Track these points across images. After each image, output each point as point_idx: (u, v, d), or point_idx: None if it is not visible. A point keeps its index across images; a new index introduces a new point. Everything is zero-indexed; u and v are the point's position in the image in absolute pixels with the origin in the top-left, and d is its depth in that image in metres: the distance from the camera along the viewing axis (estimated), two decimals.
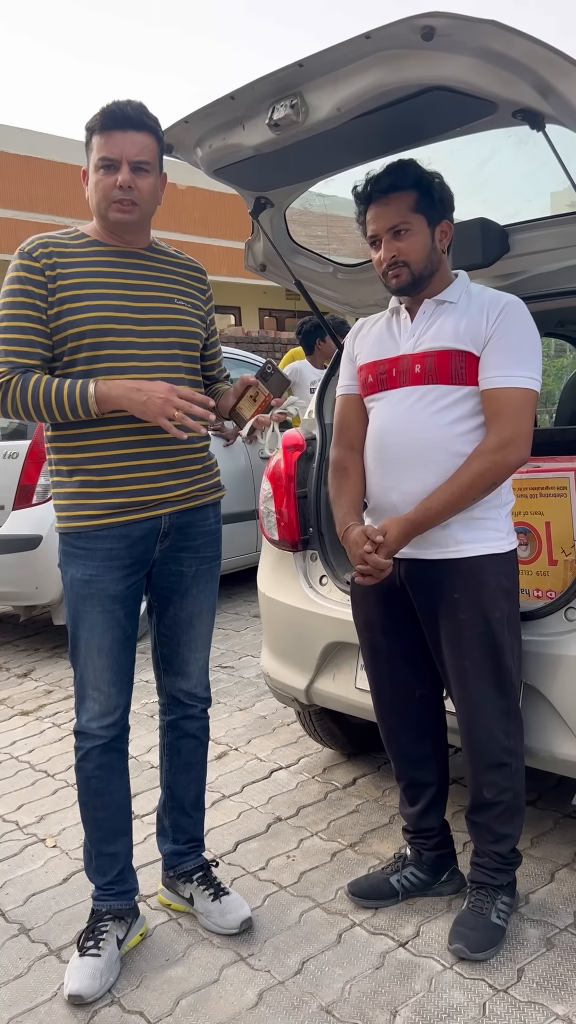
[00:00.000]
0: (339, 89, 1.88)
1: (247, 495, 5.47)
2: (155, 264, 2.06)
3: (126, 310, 1.95)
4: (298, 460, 2.78)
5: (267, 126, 2.00)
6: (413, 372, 2.01)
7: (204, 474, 2.11)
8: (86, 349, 1.92)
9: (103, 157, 1.91)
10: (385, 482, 2.05)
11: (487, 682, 1.99)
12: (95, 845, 2.08)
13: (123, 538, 1.98)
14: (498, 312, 1.95)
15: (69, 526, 1.99)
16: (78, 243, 1.99)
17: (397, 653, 2.15)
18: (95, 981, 1.93)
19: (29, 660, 4.69)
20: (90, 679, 2.01)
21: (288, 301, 18.46)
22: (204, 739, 2.25)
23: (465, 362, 1.96)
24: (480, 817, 2.06)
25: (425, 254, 1.98)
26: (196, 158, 2.23)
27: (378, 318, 2.18)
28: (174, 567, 2.10)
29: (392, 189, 1.96)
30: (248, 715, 3.65)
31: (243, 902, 2.18)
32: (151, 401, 1.85)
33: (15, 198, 13.89)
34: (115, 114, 1.90)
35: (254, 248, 2.69)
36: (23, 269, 1.92)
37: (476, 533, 1.99)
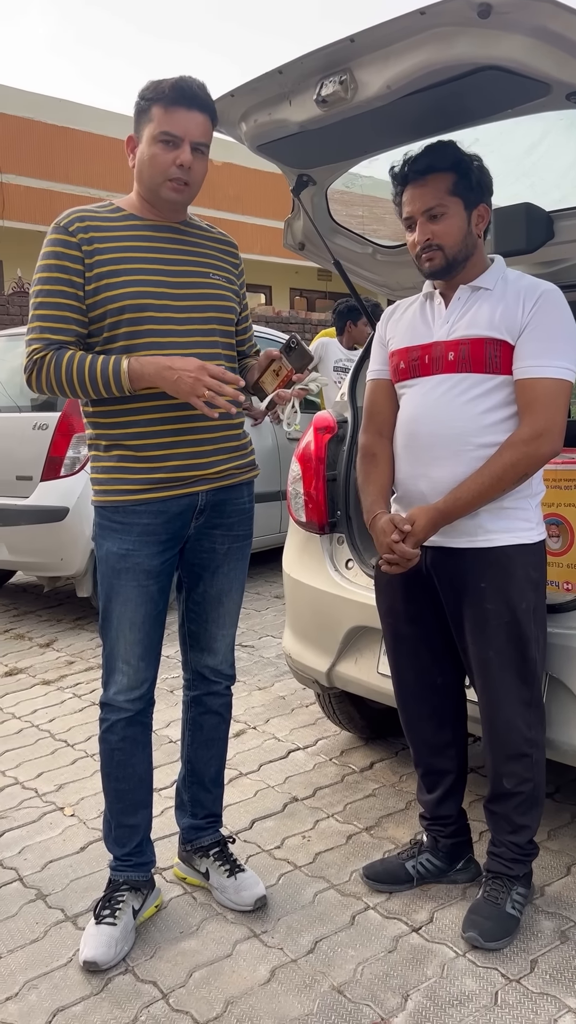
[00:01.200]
0: (390, 66, 1.84)
1: (273, 476, 5.47)
2: (190, 239, 2.05)
3: (164, 285, 1.94)
4: (329, 442, 2.76)
5: (314, 102, 1.97)
6: (446, 360, 1.98)
7: (240, 452, 2.11)
8: (125, 324, 1.91)
9: (166, 131, 1.88)
10: (414, 470, 2.04)
11: (511, 672, 1.98)
12: (115, 816, 2.10)
13: (160, 514, 1.98)
14: (535, 300, 1.92)
15: (107, 500, 1.99)
16: (115, 216, 1.98)
17: (420, 640, 2.14)
18: (110, 949, 1.96)
19: (52, 630, 4.73)
20: (120, 652, 2.02)
21: (320, 282, 18.34)
22: (227, 716, 2.26)
23: (499, 351, 1.93)
24: (499, 807, 2.06)
25: (460, 238, 1.95)
26: (240, 133, 2.21)
27: (411, 302, 2.15)
28: (207, 544, 2.10)
29: (429, 170, 1.93)
30: (267, 695, 3.66)
31: (258, 880, 2.19)
32: (182, 379, 1.84)
33: (51, 169, 13.87)
34: (184, 90, 1.87)
35: (293, 226, 2.66)
36: (59, 244, 1.91)
37: (505, 523, 1.97)
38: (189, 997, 1.86)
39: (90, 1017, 1.81)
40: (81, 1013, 1.82)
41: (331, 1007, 1.81)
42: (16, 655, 4.32)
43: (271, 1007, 1.82)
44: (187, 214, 2.07)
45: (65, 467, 4.52)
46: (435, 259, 1.96)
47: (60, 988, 1.90)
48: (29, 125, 13.88)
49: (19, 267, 12.44)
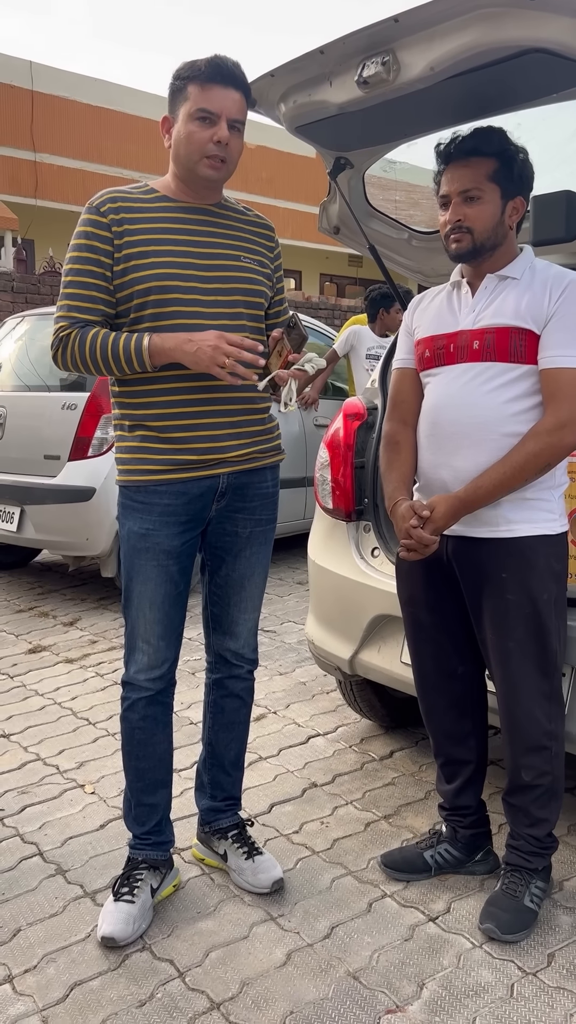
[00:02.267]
0: (434, 47, 1.82)
1: (298, 462, 5.46)
2: (223, 221, 2.04)
3: (191, 267, 1.94)
4: (358, 429, 2.75)
5: (355, 83, 1.95)
6: (471, 348, 1.97)
7: (264, 436, 2.10)
8: (152, 306, 1.92)
9: (203, 108, 1.87)
10: (437, 458, 2.03)
11: (531, 664, 1.97)
12: (135, 795, 2.12)
13: (181, 495, 1.99)
14: (562, 289, 1.91)
15: (129, 479, 2.00)
16: (147, 198, 1.98)
17: (440, 630, 2.14)
18: (128, 926, 1.98)
19: (76, 609, 4.76)
20: (140, 631, 2.04)
21: (350, 268, 18.24)
22: (248, 700, 2.27)
23: (525, 340, 1.92)
24: (517, 799, 2.05)
25: (491, 225, 1.94)
26: (279, 114, 2.19)
27: (438, 291, 2.14)
28: (229, 527, 2.10)
29: (473, 153, 1.92)
30: (288, 680, 3.66)
31: (276, 863, 2.20)
32: (201, 351, 1.83)
33: (85, 149, 13.89)
34: (220, 68, 1.87)
35: (329, 210, 2.64)
36: (90, 224, 1.92)
37: (528, 513, 1.96)
38: (205, 976, 1.87)
39: (107, 992, 1.83)
40: (98, 988, 1.84)
41: (346, 993, 1.82)
42: (40, 633, 4.35)
43: (286, 990, 1.83)
44: (222, 196, 2.07)
45: (93, 447, 4.54)
46: (463, 241, 1.95)
47: (78, 962, 1.92)
48: (65, 104, 13.91)
49: (51, 247, 12.48)
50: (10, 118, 13.49)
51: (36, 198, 13.85)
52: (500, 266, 1.99)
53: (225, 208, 2.06)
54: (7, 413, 4.92)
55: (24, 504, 4.74)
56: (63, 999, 1.81)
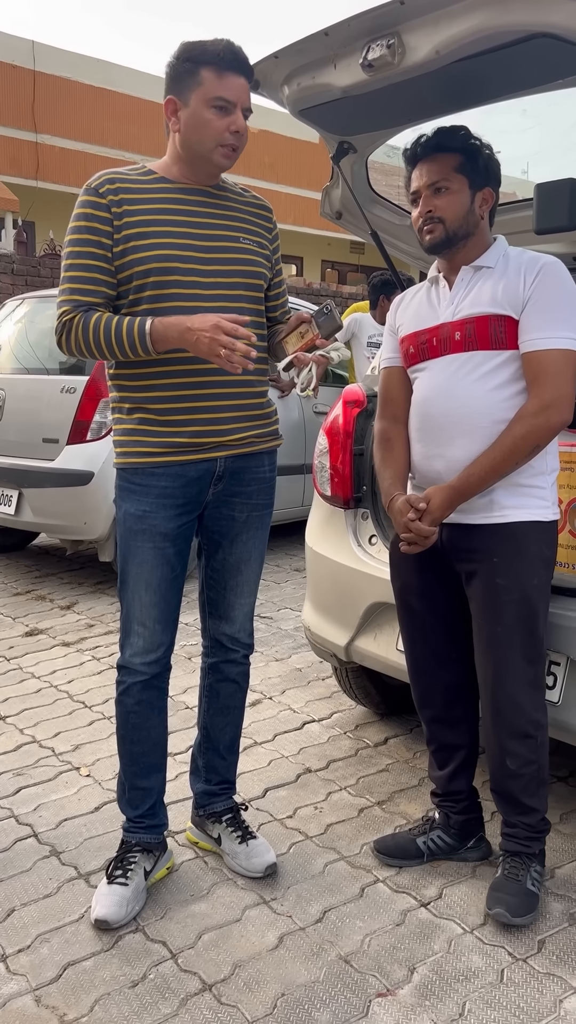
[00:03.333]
0: (440, 30, 1.80)
1: (297, 449, 5.45)
2: (222, 202, 2.03)
3: (191, 248, 1.94)
4: (357, 416, 2.74)
5: (360, 66, 1.93)
6: (453, 340, 2.00)
7: (262, 420, 2.10)
8: (151, 287, 1.91)
9: (221, 97, 1.87)
10: (429, 450, 2.05)
11: (517, 651, 1.98)
12: (129, 778, 2.13)
13: (178, 477, 1.99)
14: (535, 273, 1.93)
15: (126, 462, 2.01)
16: (146, 179, 1.97)
17: (433, 617, 2.15)
18: (121, 908, 1.99)
19: (73, 593, 4.77)
20: (136, 614, 2.04)
21: (352, 255, 18.16)
22: (243, 684, 2.27)
23: (504, 326, 1.94)
24: (505, 789, 2.05)
25: (462, 214, 1.97)
26: (282, 96, 2.18)
27: (417, 290, 2.17)
28: (226, 511, 2.10)
29: (438, 149, 1.97)
30: (284, 666, 3.67)
31: (269, 848, 2.21)
32: (200, 340, 1.81)
33: (87, 130, 13.78)
34: (237, 55, 1.87)
35: (331, 195, 2.62)
36: (89, 205, 1.91)
37: (521, 499, 1.99)
38: (198, 958, 1.88)
39: (100, 973, 1.84)
40: (91, 968, 1.85)
41: (337, 976, 1.83)
42: (37, 616, 4.36)
43: (278, 972, 1.84)
44: (220, 177, 2.06)
45: (92, 431, 4.53)
46: (435, 232, 1.98)
47: (71, 943, 1.93)
48: (67, 85, 13.79)
49: (51, 229, 12.41)
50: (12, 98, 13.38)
51: (37, 179, 13.76)
52: (474, 257, 2.02)
53: (224, 190, 2.05)
54: (6, 396, 4.90)
55: (22, 487, 4.73)
56: (56, 979, 1.82)
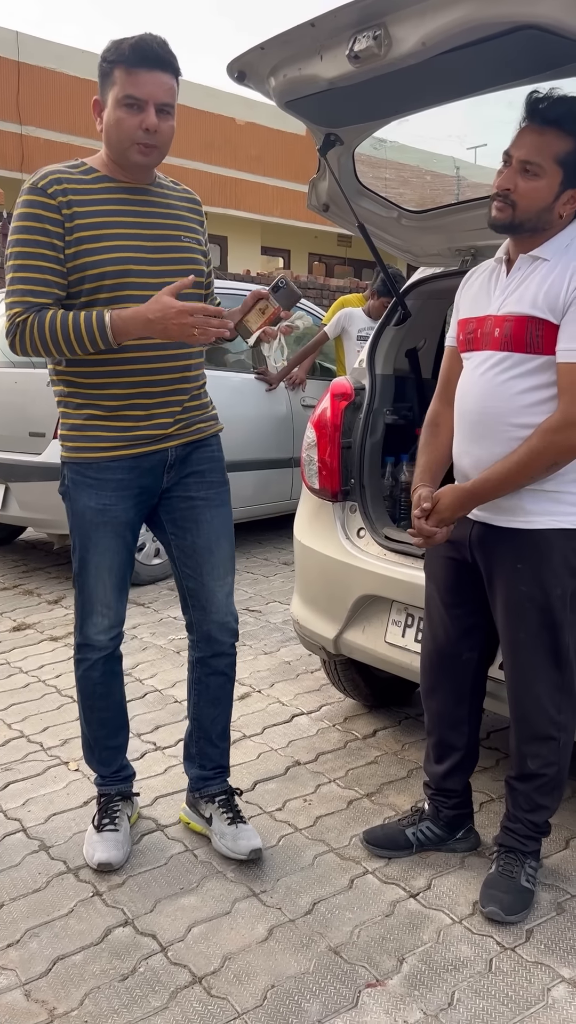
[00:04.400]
0: (426, 22, 1.79)
1: (285, 442, 5.44)
2: (161, 200, 2.07)
3: (141, 250, 1.99)
4: (345, 409, 2.74)
5: (347, 57, 1.92)
6: (493, 336, 1.93)
7: (203, 408, 2.19)
8: (107, 290, 1.95)
9: (129, 95, 1.88)
10: (460, 446, 2.03)
11: (541, 655, 1.95)
12: (100, 742, 2.27)
13: (133, 468, 2.07)
14: None
15: (80, 456, 2.07)
16: (89, 178, 1.99)
17: (452, 612, 2.12)
18: (119, 851, 2.16)
19: (60, 587, 4.75)
20: (100, 597, 2.14)
21: (339, 248, 18.13)
22: (232, 675, 2.32)
23: (542, 330, 1.84)
24: (521, 785, 2.05)
25: (538, 207, 1.84)
26: (268, 88, 2.16)
27: (484, 268, 2.07)
28: (182, 494, 2.18)
29: (555, 123, 1.80)
30: (272, 659, 3.67)
31: (257, 834, 2.24)
32: (168, 328, 1.86)
33: (72, 122, 13.66)
34: (144, 51, 1.86)
35: (318, 187, 2.61)
36: (38, 206, 1.91)
37: (547, 505, 1.91)
38: (188, 951, 1.88)
39: (89, 967, 1.84)
40: (81, 962, 1.85)
41: (327, 967, 1.84)
42: (24, 611, 4.34)
43: (268, 964, 1.84)
44: (155, 174, 2.10)
45: None
46: (503, 212, 1.86)
47: (60, 937, 1.93)
48: (52, 76, 13.67)
49: None
50: None
51: (22, 171, 13.65)
52: (536, 244, 1.90)
53: (159, 186, 2.10)
54: None
55: (9, 481, 4.70)
56: (46, 973, 1.82)
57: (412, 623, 2.45)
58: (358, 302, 5.55)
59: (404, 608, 2.49)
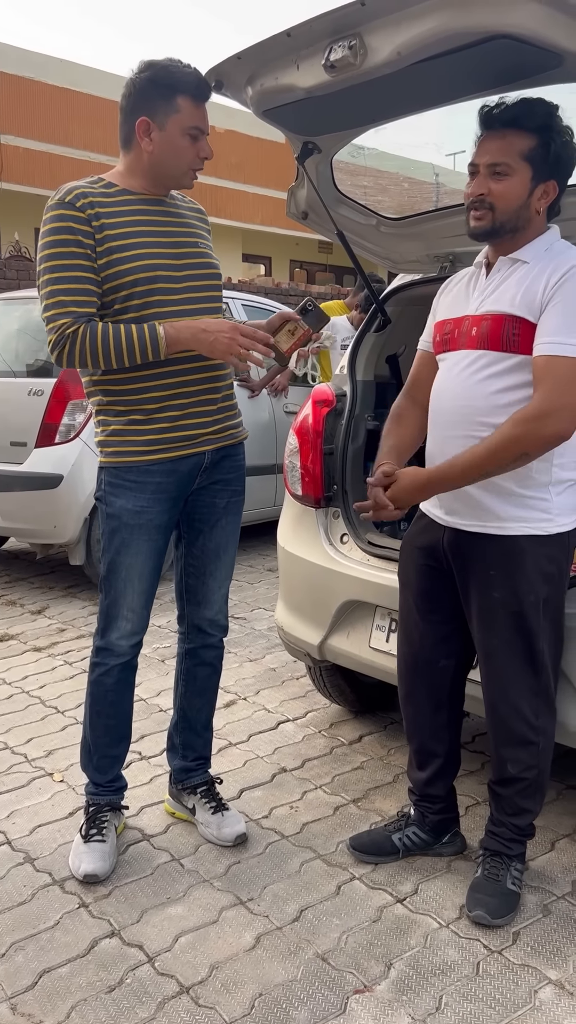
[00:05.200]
0: (401, 32, 1.80)
1: (268, 449, 5.44)
2: (175, 210, 2.16)
3: (166, 257, 2.06)
4: (327, 416, 2.75)
5: (323, 67, 1.92)
6: (470, 335, 1.94)
7: (232, 413, 2.25)
8: (138, 297, 2.02)
9: (196, 126, 2.01)
10: (434, 446, 2.03)
11: (517, 661, 1.95)
12: (99, 749, 2.27)
13: (172, 472, 2.12)
14: (560, 276, 1.82)
15: (120, 460, 2.11)
16: (109, 191, 2.05)
17: (427, 618, 2.13)
18: (105, 862, 2.16)
19: (44, 598, 4.73)
20: (128, 601, 2.16)
21: (320, 254, 18.18)
22: (219, 667, 2.41)
23: (519, 329, 1.85)
24: (503, 790, 2.06)
25: (515, 206, 1.87)
26: (246, 97, 2.17)
27: (465, 274, 2.09)
28: (207, 498, 2.23)
29: (512, 124, 1.84)
30: (258, 666, 3.67)
31: (240, 819, 2.34)
32: (218, 341, 1.96)
33: (51, 132, 13.66)
34: (207, 86, 2.02)
35: (297, 195, 2.62)
36: (70, 219, 1.97)
37: (518, 511, 1.91)
38: (175, 961, 1.88)
39: (76, 979, 1.83)
40: (67, 975, 1.84)
41: (315, 974, 1.83)
42: (7, 621, 4.31)
43: (256, 973, 1.84)
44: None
45: (60, 434, 4.49)
46: (483, 219, 1.88)
47: (46, 950, 1.91)
48: (31, 86, 13.65)
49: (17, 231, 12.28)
50: None
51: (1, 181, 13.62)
52: (516, 247, 1.92)
53: (172, 198, 2.18)
54: None
55: None
56: (32, 986, 1.81)
57: (396, 628, 2.46)
58: (340, 309, 5.57)
59: (388, 613, 2.49)
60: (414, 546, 2.12)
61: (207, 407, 2.13)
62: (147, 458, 2.08)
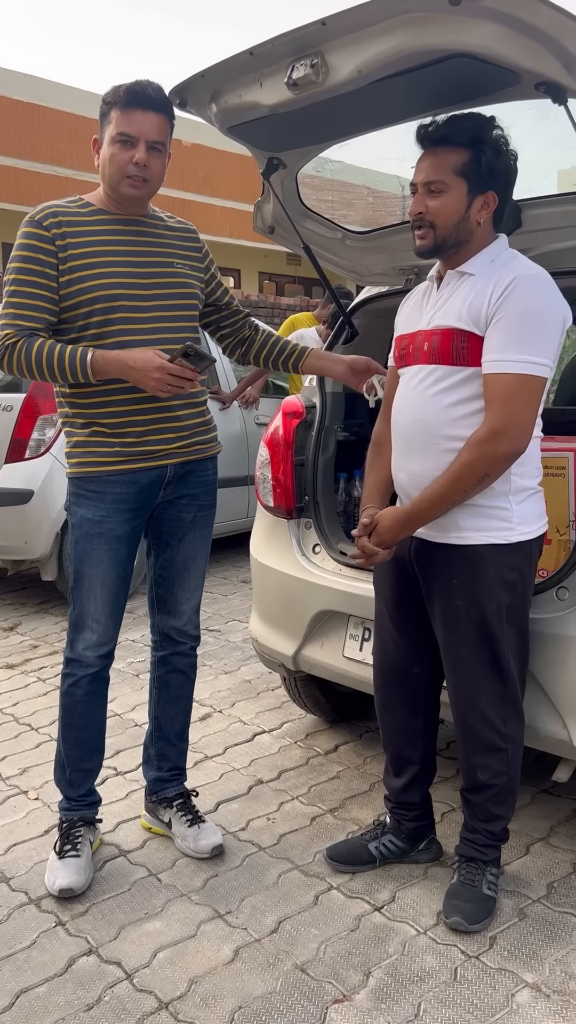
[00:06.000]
0: (361, 51, 1.84)
1: (240, 461, 5.45)
2: (155, 231, 2.19)
3: (133, 276, 2.09)
4: (297, 427, 2.77)
5: (285, 85, 1.96)
6: (423, 350, 1.97)
7: (204, 428, 2.26)
8: (98, 314, 2.05)
9: (122, 132, 2.02)
10: (397, 460, 2.06)
11: (482, 669, 1.97)
12: (73, 762, 2.26)
13: (132, 484, 2.13)
14: (504, 288, 1.83)
15: (82, 471, 2.14)
16: (84, 211, 2.11)
17: (400, 628, 2.15)
18: (81, 876, 2.15)
19: (16, 614, 4.69)
20: (91, 611, 2.17)
21: (289, 266, 18.26)
22: (191, 675, 2.42)
23: (468, 343, 1.88)
24: (474, 797, 2.07)
25: (454, 220, 1.89)
26: (210, 114, 2.19)
27: (420, 288, 2.12)
28: (174, 512, 2.26)
29: (442, 142, 1.87)
30: (233, 678, 3.67)
31: (217, 831, 2.34)
32: (143, 382, 1.99)
33: (17, 146, 13.60)
34: (138, 94, 2.01)
35: (263, 209, 2.64)
36: (33, 237, 2.04)
37: (478, 521, 1.94)
38: (153, 977, 1.87)
39: (54, 998, 1.81)
40: (45, 994, 1.82)
41: (294, 985, 1.83)
42: None
43: (235, 986, 1.84)
44: (149, 207, 2.21)
45: (30, 449, 4.47)
46: (425, 237, 1.92)
47: (23, 970, 1.90)
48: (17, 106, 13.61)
49: None
50: None
51: None
52: (463, 260, 1.95)
53: (153, 218, 2.21)
54: None
55: None
56: (9, 1007, 1.79)
57: (369, 637, 2.48)
58: (308, 320, 5.61)
59: (361, 622, 2.51)
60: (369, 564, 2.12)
61: (173, 423, 2.15)
62: (107, 468, 2.11)
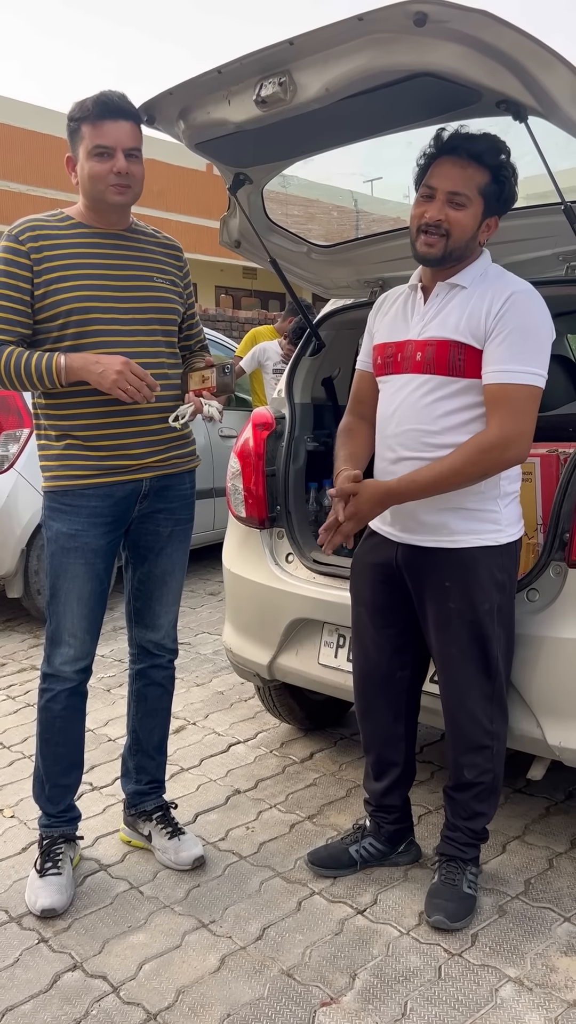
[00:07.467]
0: (328, 69, 1.88)
1: (206, 473, 5.45)
2: (135, 244, 2.19)
3: (109, 289, 2.09)
4: (267, 438, 2.80)
5: (253, 102, 1.99)
6: (415, 360, 2.01)
7: (181, 442, 2.26)
8: (73, 326, 2.05)
9: (98, 145, 2.02)
10: (383, 466, 2.09)
11: (473, 667, 2.02)
12: (51, 778, 2.25)
13: (107, 497, 2.12)
14: (502, 303, 1.90)
15: (56, 484, 2.13)
16: (63, 225, 2.11)
17: (382, 633, 2.17)
18: (63, 895, 2.13)
19: None
20: (67, 625, 2.16)
21: (245, 280, 18.34)
22: (169, 688, 2.42)
23: (464, 355, 1.93)
24: (459, 795, 2.11)
25: (468, 235, 1.94)
26: (178, 131, 2.22)
27: (399, 294, 2.15)
28: (151, 526, 2.25)
29: (477, 158, 1.90)
30: (205, 690, 3.67)
31: (198, 842, 2.35)
32: (104, 375, 1.98)
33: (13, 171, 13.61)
34: (107, 104, 2.01)
35: (230, 224, 2.68)
36: (9, 252, 2.05)
37: (471, 524, 1.99)
38: (140, 989, 1.87)
39: (40, 1015, 1.80)
40: (30, 1011, 1.81)
41: (281, 990, 1.85)
42: None
43: (222, 994, 1.84)
44: (131, 220, 2.21)
45: None
46: (435, 245, 1.93)
47: (8, 988, 1.88)
48: None
49: None
50: None
51: None
52: (454, 273, 1.99)
53: (135, 231, 2.21)
54: None
55: None
56: None
57: (344, 643, 2.51)
58: (269, 334, 5.65)
59: (335, 629, 2.54)
60: (366, 563, 2.17)
61: (148, 436, 2.15)
62: (81, 482, 2.10)
